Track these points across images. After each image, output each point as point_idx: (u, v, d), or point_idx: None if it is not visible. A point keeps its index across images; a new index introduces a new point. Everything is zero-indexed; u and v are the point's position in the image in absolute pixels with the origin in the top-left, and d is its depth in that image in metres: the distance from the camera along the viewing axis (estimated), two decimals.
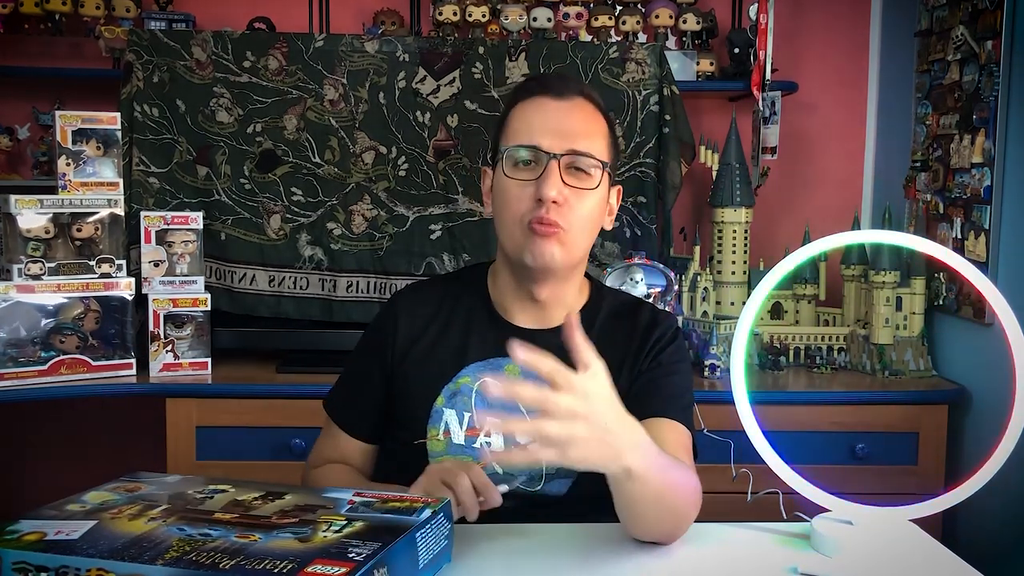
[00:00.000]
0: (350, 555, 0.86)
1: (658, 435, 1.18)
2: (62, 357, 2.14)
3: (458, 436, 1.24)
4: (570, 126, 1.21)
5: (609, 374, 0.95)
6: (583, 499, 1.21)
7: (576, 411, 0.90)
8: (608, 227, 1.29)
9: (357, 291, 2.43)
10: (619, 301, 1.35)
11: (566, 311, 1.29)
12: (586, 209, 1.21)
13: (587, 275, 1.36)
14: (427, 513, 0.98)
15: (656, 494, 1.02)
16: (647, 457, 0.98)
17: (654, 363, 1.26)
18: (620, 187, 1.32)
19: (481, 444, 1.24)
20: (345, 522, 0.94)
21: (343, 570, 0.82)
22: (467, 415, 1.25)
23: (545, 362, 0.91)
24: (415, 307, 1.33)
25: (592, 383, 0.93)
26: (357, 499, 1.02)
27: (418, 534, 0.94)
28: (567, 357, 1.26)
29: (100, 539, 0.89)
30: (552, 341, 1.28)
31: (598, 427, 0.92)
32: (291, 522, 0.94)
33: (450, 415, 1.25)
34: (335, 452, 1.34)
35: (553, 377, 0.91)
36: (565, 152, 1.19)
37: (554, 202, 1.17)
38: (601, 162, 1.21)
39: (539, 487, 1.23)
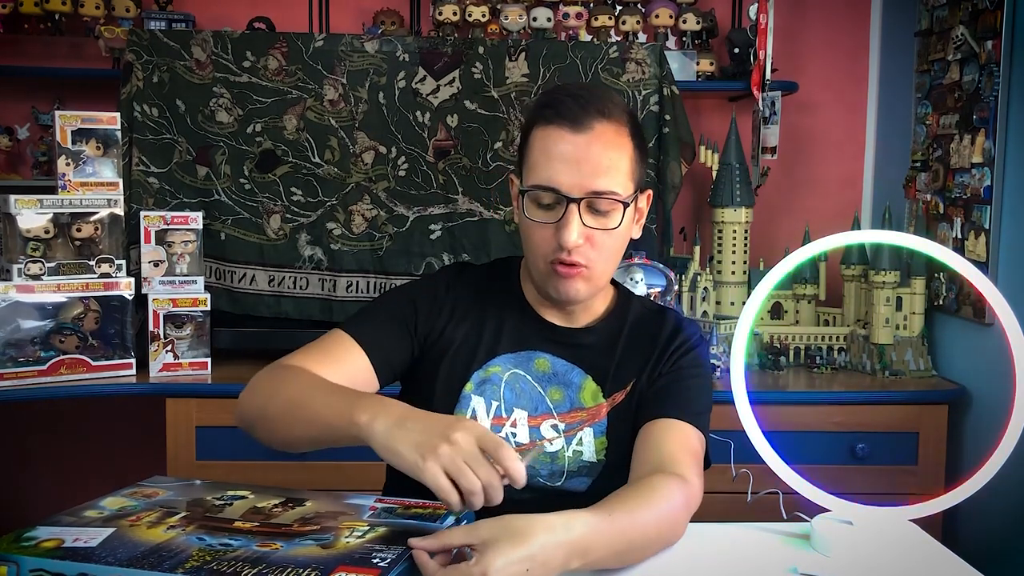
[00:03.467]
0: (374, 561, 0.85)
1: (665, 437, 1.18)
2: (62, 357, 2.14)
3: (484, 423, 1.24)
4: (589, 164, 1.16)
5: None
6: (603, 496, 1.21)
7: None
8: (636, 235, 1.28)
9: (357, 291, 2.43)
10: (645, 308, 1.35)
11: (592, 314, 1.31)
12: (609, 243, 1.21)
13: (612, 280, 1.35)
14: (451, 520, 0.98)
15: (617, 554, 1.01)
16: (586, 552, 0.96)
17: (673, 368, 1.27)
18: (651, 191, 1.31)
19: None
20: (367, 528, 0.94)
21: None
22: (495, 404, 1.25)
23: (446, 542, 0.91)
24: (464, 289, 1.31)
25: (478, 565, 0.88)
26: (379, 505, 1.02)
27: None
28: (593, 354, 1.28)
29: (119, 547, 0.88)
30: (580, 339, 1.29)
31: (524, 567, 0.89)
32: (313, 529, 0.93)
33: (478, 402, 1.25)
34: (345, 369, 1.23)
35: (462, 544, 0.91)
36: (585, 195, 1.16)
37: (578, 245, 1.17)
38: (622, 201, 1.19)
39: (560, 483, 1.24)
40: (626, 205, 1.19)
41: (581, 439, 1.24)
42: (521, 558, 0.89)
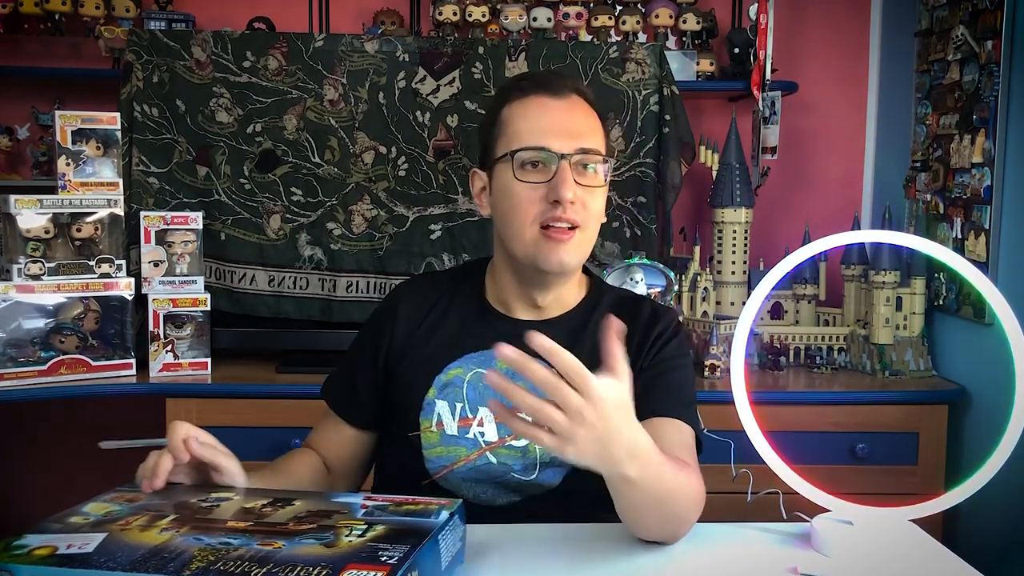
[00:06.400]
0: (382, 558, 0.85)
1: (660, 434, 1.18)
2: (62, 357, 2.14)
3: (451, 427, 1.24)
4: (574, 125, 1.22)
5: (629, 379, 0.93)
6: (577, 489, 1.21)
7: (584, 413, 0.88)
8: (603, 219, 1.30)
9: (357, 291, 2.43)
10: (619, 296, 1.35)
11: (562, 306, 1.30)
12: (597, 205, 1.24)
13: (586, 270, 1.36)
14: (445, 515, 0.98)
15: (655, 500, 1.02)
16: (647, 466, 0.96)
17: (656, 359, 1.26)
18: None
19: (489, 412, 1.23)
20: (365, 526, 0.94)
21: (380, 574, 0.82)
22: (459, 406, 1.25)
23: (563, 356, 0.88)
24: (414, 300, 1.34)
25: (612, 391, 0.90)
26: (370, 503, 1.02)
27: (440, 536, 0.94)
28: (564, 348, 1.26)
29: (117, 551, 0.87)
30: (547, 332, 1.27)
31: (602, 433, 0.90)
32: (310, 528, 0.93)
33: (442, 406, 1.25)
34: (329, 438, 1.34)
35: (569, 374, 0.88)
36: (575, 152, 1.20)
37: (570, 202, 1.19)
38: (606, 159, 1.24)
39: (533, 476, 1.23)
40: (607, 162, 1.24)
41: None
42: (610, 426, 0.90)
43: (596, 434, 0.89)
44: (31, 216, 2.12)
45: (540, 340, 0.88)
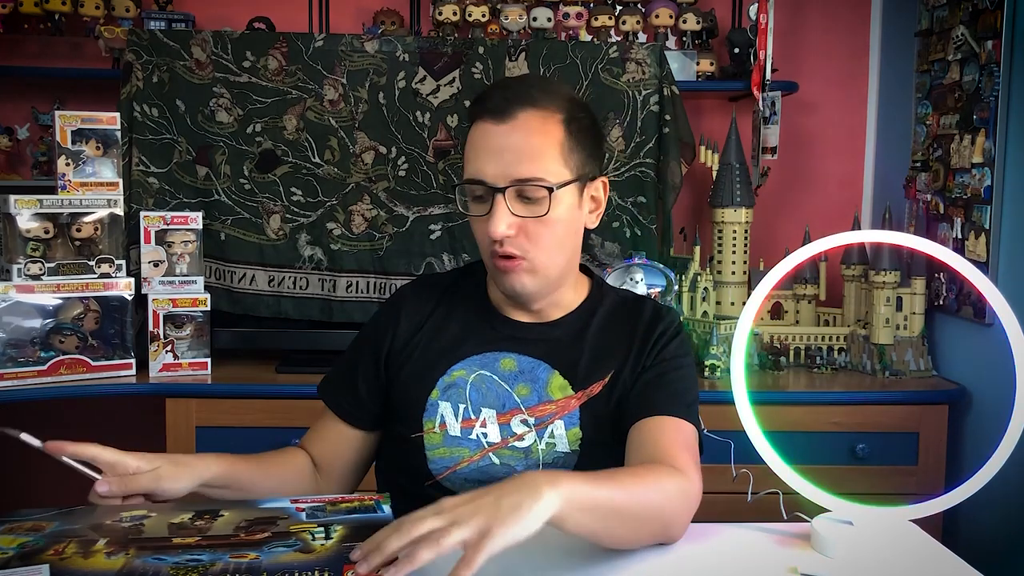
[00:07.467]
0: None
1: (659, 434, 1.18)
2: (62, 357, 2.14)
3: (454, 428, 1.24)
4: (511, 152, 1.16)
5: None
6: None
7: (442, 505, 0.87)
8: (592, 224, 1.26)
9: (357, 291, 2.43)
10: (620, 297, 1.34)
11: (562, 308, 1.30)
12: (546, 231, 1.18)
13: (587, 271, 1.35)
14: (387, 508, 0.98)
15: (604, 516, 0.98)
16: (570, 495, 0.92)
17: (658, 359, 1.25)
18: (604, 179, 1.27)
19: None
20: (323, 528, 0.92)
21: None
22: (462, 407, 1.25)
23: (379, 542, 0.85)
24: (417, 301, 1.33)
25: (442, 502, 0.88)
26: (305, 506, 1.00)
27: None
28: (560, 348, 1.27)
29: None
30: (549, 334, 1.28)
31: (483, 505, 0.87)
32: (266, 537, 0.91)
33: (445, 407, 1.25)
34: (327, 439, 1.34)
35: (411, 532, 0.85)
36: (509, 184, 1.16)
37: (508, 236, 1.17)
38: (548, 187, 1.15)
39: None
40: (551, 191, 1.16)
41: (552, 432, 1.23)
42: (479, 492, 0.90)
43: (476, 508, 0.86)
44: (31, 216, 2.12)
45: (359, 554, 0.86)
